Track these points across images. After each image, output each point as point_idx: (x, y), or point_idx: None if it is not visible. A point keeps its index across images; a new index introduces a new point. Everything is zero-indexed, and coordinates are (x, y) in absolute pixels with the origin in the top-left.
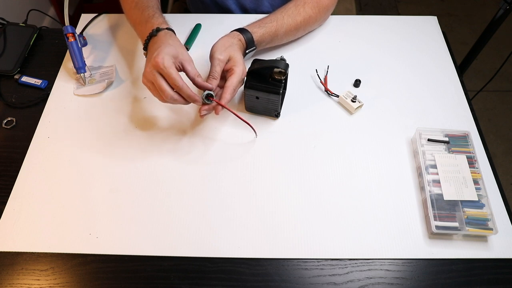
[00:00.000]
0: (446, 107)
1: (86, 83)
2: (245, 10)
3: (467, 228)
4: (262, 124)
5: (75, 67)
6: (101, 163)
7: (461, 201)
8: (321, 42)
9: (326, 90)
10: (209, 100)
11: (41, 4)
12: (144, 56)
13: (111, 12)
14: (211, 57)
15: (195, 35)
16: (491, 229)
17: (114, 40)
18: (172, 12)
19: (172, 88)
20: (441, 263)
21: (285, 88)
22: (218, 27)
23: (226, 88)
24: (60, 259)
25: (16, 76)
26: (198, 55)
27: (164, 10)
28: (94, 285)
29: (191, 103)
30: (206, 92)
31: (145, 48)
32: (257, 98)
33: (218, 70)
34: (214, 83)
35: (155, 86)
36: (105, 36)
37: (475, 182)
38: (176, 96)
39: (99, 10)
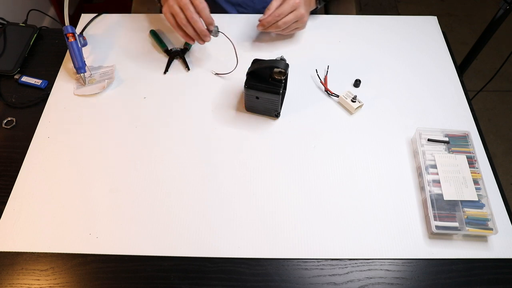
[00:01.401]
0: (446, 107)
1: (86, 83)
2: (237, 5)
3: (467, 228)
4: (262, 124)
5: (75, 67)
6: (101, 163)
7: (461, 201)
8: (321, 42)
9: (326, 90)
10: (217, 34)
11: (41, 4)
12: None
13: (111, 12)
14: None
15: None
16: (491, 229)
17: (114, 40)
18: None
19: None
20: (441, 263)
21: (285, 88)
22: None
23: (268, 10)
24: (60, 259)
25: (16, 76)
26: (198, 56)
27: None
28: (94, 285)
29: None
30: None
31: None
32: (257, 98)
33: (274, 4)
34: (267, 14)
35: (174, 18)
36: (105, 36)
37: (475, 182)
38: (190, 28)
39: (99, 10)
